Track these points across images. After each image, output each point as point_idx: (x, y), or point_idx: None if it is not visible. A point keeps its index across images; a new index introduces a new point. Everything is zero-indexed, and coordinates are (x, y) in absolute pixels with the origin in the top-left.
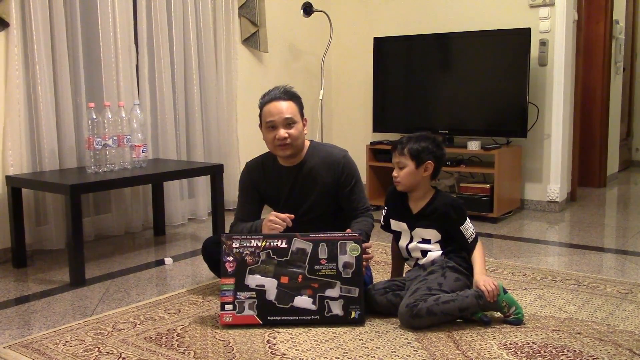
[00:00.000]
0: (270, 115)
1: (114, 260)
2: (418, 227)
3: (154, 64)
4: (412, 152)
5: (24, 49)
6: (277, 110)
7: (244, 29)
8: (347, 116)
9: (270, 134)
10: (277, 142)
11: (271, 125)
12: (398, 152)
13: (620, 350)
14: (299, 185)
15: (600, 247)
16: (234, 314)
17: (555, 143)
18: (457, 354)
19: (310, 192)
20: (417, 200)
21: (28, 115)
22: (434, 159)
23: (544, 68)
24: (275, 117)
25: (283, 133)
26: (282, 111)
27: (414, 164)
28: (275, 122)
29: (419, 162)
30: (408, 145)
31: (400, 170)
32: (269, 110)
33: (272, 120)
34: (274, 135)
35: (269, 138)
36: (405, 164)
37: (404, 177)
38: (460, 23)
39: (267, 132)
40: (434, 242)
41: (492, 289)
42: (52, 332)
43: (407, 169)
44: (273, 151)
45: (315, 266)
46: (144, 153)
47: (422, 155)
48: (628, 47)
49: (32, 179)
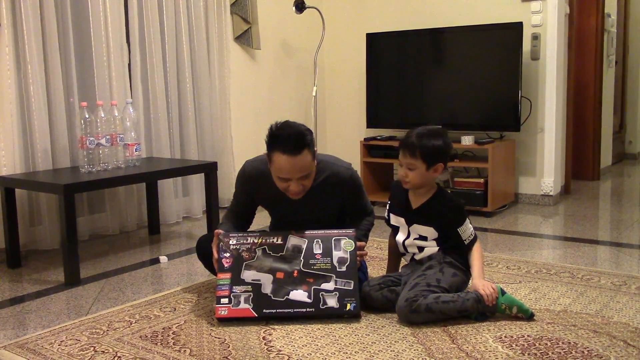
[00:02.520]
0: (281, 171)
1: (108, 259)
2: (416, 223)
3: (146, 63)
4: (424, 154)
5: (15, 49)
6: (289, 168)
7: (236, 27)
8: (341, 112)
9: (282, 184)
10: (290, 193)
11: (284, 179)
12: (409, 153)
13: (615, 342)
14: (301, 201)
15: (594, 239)
16: (229, 307)
17: (548, 137)
18: (452, 347)
19: (312, 207)
20: (418, 195)
21: (20, 115)
22: (445, 159)
23: (537, 62)
24: (287, 175)
25: (296, 188)
26: (295, 170)
27: (425, 166)
28: (289, 178)
29: (430, 164)
30: (420, 147)
31: (409, 171)
32: (280, 166)
33: (283, 177)
34: (286, 186)
35: (279, 184)
36: (415, 166)
37: (414, 178)
38: (452, 18)
39: (277, 180)
40: (431, 239)
41: (490, 293)
42: (48, 332)
43: (418, 171)
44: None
45: (310, 261)
46: (137, 152)
47: (435, 157)
48: (620, 41)
49: (25, 179)
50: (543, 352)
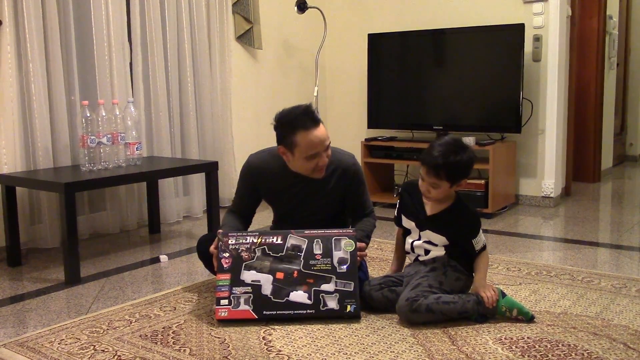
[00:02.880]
0: (312, 147)
1: (109, 258)
2: (428, 230)
3: (147, 62)
4: (450, 175)
5: (17, 47)
6: (320, 140)
7: (238, 26)
8: (342, 113)
9: (311, 163)
10: (319, 168)
11: (314, 155)
12: (434, 174)
13: (615, 344)
14: (305, 191)
15: (594, 241)
16: (229, 308)
17: (549, 138)
18: (452, 349)
19: (317, 198)
20: (435, 202)
21: (22, 113)
22: (469, 173)
23: (538, 63)
24: (320, 149)
25: (325, 159)
26: (324, 140)
27: (449, 185)
28: (320, 152)
29: (454, 182)
30: (444, 168)
31: (432, 189)
32: (311, 142)
33: (314, 153)
34: (315, 163)
35: (307, 165)
36: (439, 185)
37: (437, 194)
38: (454, 19)
39: (305, 161)
40: (440, 245)
41: (491, 295)
42: (48, 330)
43: (442, 189)
44: (306, 174)
45: (310, 261)
46: (138, 151)
47: (460, 176)
48: (622, 43)
49: (26, 178)
50: (543, 354)
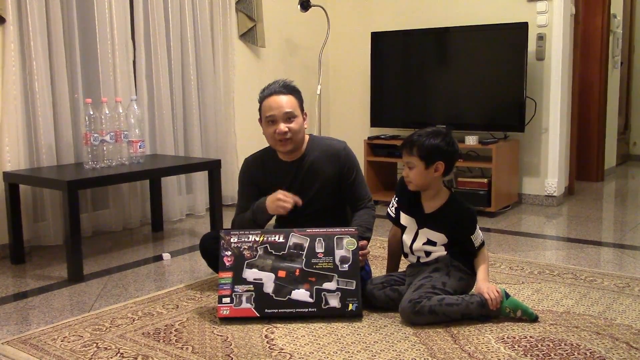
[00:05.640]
0: (270, 109)
1: (111, 256)
2: (427, 228)
3: (151, 60)
4: (421, 152)
5: (20, 45)
6: (277, 105)
7: (241, 24)
8: (345, 111)
9: (270, 129)
10: (278, 137)
11: (271, 119)
12: (407, 151)
13: (618, 344)
14: (300, 179)
15: (597, 241)
16: (231, 306)
17: (552, 137)
18: (454, 348)
19: (311, 186)
20: (429, 199)
21: (25, 111)
22: (445, 158)
23: (542, 62)
24: (275, 112)
25: (283, 127)
26: (282, 105)
27: (423, 165)
28: (276, 117)
29: (428, 162)
30: (417, 145)
31: (410, 170)
32: (269, 105)
33: (272, 114)
34: (274, 130)
35: (269, 132)
36: (414, 164)
37: (414, 177)
38: (457, 17)
39: (267, 126)
40: (440, 244)
41: (495, 297)
42: (50, 327)
43: (417, 169)
44: (273, 146)
45: (312, 260)
46: (141, 149)
47: (432, 156)
48: (625, 41)
49: (29, 175)
50: (545, 353)
